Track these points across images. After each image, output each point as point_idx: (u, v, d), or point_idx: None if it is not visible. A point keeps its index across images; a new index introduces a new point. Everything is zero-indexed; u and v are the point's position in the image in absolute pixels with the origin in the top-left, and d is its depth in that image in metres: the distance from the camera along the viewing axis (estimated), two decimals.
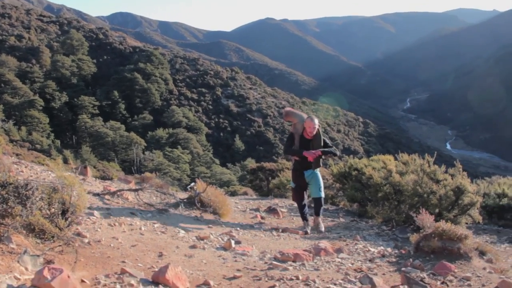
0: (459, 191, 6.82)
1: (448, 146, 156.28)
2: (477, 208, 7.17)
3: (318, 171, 6.92)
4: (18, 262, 3.20)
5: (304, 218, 6.96)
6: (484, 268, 4.38)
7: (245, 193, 15.92)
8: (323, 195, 6.91)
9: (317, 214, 6.97)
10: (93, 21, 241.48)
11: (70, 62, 78.41)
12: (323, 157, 6.84)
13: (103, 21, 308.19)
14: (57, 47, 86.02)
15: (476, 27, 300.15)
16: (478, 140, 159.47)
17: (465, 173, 7.36)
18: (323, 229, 6.90)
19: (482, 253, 4.88)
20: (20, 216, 3.52)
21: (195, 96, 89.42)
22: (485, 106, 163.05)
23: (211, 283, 3.71)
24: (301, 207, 7.01)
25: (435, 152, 7.65)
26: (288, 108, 7.73)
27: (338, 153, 7.00)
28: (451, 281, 3.98)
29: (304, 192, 7.05)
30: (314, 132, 6.65)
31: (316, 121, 6.66)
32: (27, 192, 3.62)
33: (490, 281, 4.01)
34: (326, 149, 6.74)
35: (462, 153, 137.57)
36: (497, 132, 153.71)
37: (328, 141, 6.91)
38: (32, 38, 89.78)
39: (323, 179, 7.27)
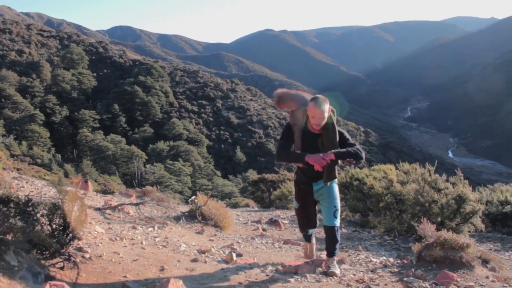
0: (460, 200, 6.80)
1: (450, 154, 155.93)
2: (480, 216, 7.15)
3: (335, 183, 4.43)
4: (19, 279, 3.20)
5: (308, 240, 4.94)
6: (487, 277, 4.35)
7: (247, 205, 15.93)
8: (338, 223, 4.32)
9: (329, 254, 4.46)
10: (93, 35, 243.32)
11: (70, 76, 78.84)
12: (339, 162, 4.25)
13: (103, 35, 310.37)
14: (58, 61, 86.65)
15: (474, 35, 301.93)
16: (480, 147, 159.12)
17: (466, 181, 7.35)
18: (338, 271, 4.42)
19: (485, 262, 4.84)
20: (22, 232, 3.53)
21: (195, 108, 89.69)
22: (486, 113, 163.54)
23: None
24: (307, 237, 4.86)
25: (436, 161, 7.62)
26: (281, 90, 4.58)
27: (363, 155, 4.09)
28: None
29: (314, 215, 4.64)
30: (323, 123, 4.13)
31: (326, 105, 4.08)
32: (28, 209, 3.63)
33: None
34: (342, 150, 4.07)
35: (465, 161, 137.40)
36: (499, 139, 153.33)
37: (347, 135, 4.27)
38: (33, 52, 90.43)
39: None
